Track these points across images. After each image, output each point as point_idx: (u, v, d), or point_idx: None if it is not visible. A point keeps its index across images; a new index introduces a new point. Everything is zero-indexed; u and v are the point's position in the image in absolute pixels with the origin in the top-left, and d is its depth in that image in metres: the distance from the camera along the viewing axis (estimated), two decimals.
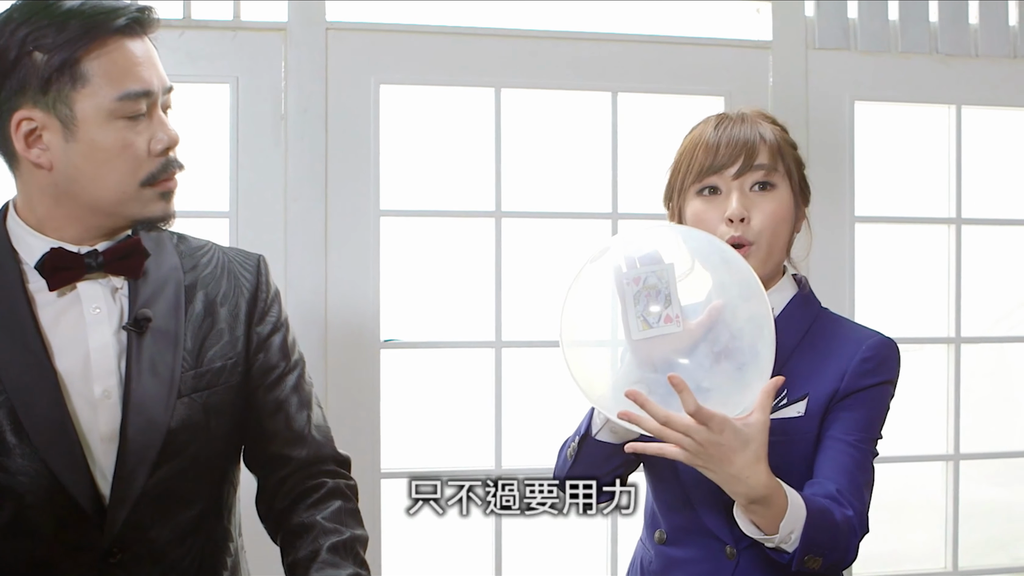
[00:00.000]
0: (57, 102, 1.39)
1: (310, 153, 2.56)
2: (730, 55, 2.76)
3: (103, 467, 1.48)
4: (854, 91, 2.80)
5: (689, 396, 1.41)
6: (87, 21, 1.39)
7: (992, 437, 2.96)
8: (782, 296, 1.68)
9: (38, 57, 1.38)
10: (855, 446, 1.59)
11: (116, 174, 1.44)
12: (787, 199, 1.63)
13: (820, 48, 2.78)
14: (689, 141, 1.69)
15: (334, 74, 2.59)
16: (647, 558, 1.79)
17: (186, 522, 1.57)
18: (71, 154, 1.42)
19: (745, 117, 1.66)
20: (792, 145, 1.69)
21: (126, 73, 1.41)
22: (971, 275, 2.90)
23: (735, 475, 1.44)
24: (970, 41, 2.84)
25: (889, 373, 1.64)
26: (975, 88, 2.86)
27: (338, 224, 2.58)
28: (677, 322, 1.47)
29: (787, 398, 1.61)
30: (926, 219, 2.93)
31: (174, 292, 1.55)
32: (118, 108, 1.41)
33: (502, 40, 2.67)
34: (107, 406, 1.48)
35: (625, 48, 2.71)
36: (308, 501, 1.61)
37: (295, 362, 1.67)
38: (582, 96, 2.74)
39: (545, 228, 2.75)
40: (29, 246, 1.48)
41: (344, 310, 2.58)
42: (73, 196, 1.45)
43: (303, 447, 1.64)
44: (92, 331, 1.48)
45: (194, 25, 2.53)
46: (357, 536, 1.60)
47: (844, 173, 2.77)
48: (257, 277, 1.64)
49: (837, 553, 1.51)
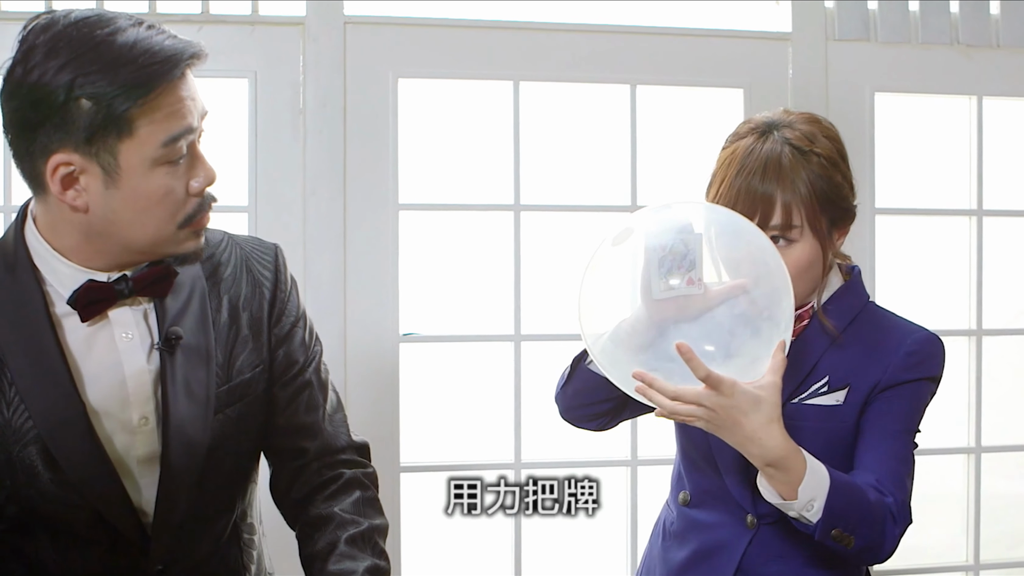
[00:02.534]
0: (101, 151, 1.31)
1: (329, 147, 2.56)
2: (749, 47, 2.75)
3: (144, 493, 1.47)
4: (874, 82, 2.78)
5: (698, 363, 1.42)
6: (140, 72, 1.30)
7: (1014, 430, 2.94)
8: (827, 290, 1.67)
9: (85, 105, 1.29)
10: (896, 437, 1.59)
11: (156, 220, 1.38)
12: (809, 249, 1.58)
13: (840, 40, 2.76)
14: (721, 164, 1.64)
15: (352, 68, 2.59)
16: (670, 519, 1.81)
17: (221, 530, 1.58)
18: (110, 200, 1.35)
19: (772, 155, 1.57)
20: (826, 168, 1.59)
21: (172, 116, 1.34)
22: (992, 267, 2.88)
23: (749, 436, 1.45)
24: (991, 32, 2.82)
25: (933, 370, 1.64)
26: (996, 79, 2.83)
27: (357, 218, 2.58)
28: (699, 285, 1.47)
29: (828, 386, 1.61)
30: (947, 211, 2.91)
31: (200, 304, 1.50)
32: (163, 155, 1.34)
33: (520, 33, 2.66)
34: (145, 432, 1.45)
35: (644, 41, 2.70)
36: (326, 493, 1.60)
37: (313, 353, 1.64)
38: (601, 89, 2.73)
39: (564, 221, 2.75)
40: (54, 270, 1.42)
41: (363, 304, 2.58)
42: (107, 236, 1.39)
43: (319, 438, 1.62)
44: (126, 358, 1.44)
45: (212, 20, 2.53)
46: (376, 526, 1.58)
47: (864, 165, 2.74)
48: (276, 274, 1.59)
49: (871, 533, 1.51)
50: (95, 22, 1.31)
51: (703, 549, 1.72)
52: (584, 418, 1.76)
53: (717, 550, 1.70)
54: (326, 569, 1.52)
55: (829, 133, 1.64)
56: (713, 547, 1.71)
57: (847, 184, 1.64)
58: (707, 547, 1.72)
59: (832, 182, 1.60)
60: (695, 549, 1.73)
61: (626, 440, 2.70)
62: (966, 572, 2.89)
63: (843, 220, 1.65)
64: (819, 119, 1.66)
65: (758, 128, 1.62)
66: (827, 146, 1.61)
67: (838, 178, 1.61)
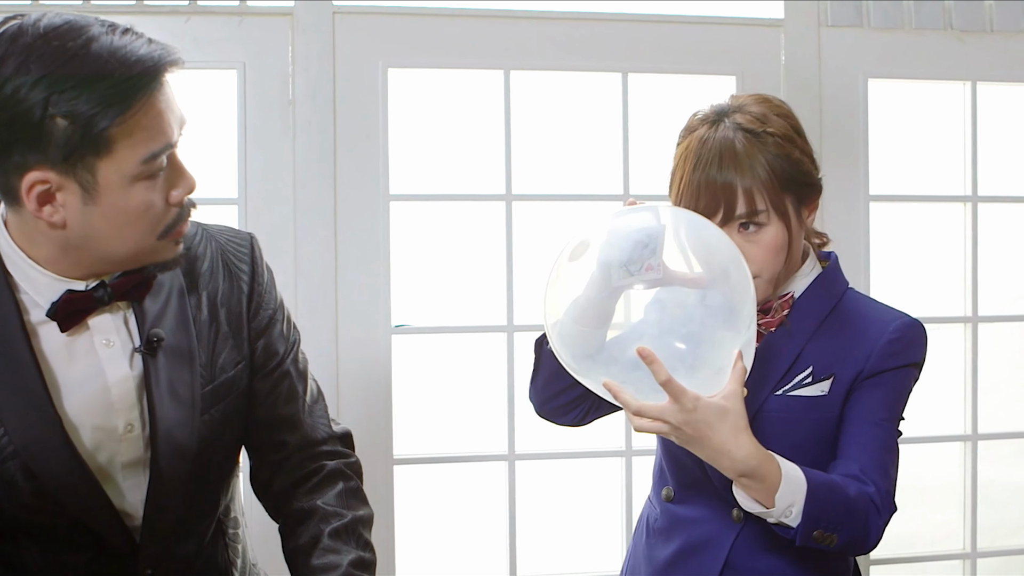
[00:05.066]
0: (79, 169, 1.26)
1: (318, 138, 2.55)
2: (742, 34, 2.73)
3: (128, 496, 1.44)
4: (867, 69, 2.77)
5: (659, 367, 1.40)
6: (116, 88, 1.24)
7: (1011, 417, 2.93)
8: (805, 278, 1.66)
9: (61, 124, 1.22)
10: (879, 425, 1.58)
11: (136, 233, 1.33)
12: (777, 232, 1.55)
13: (833, 26, 2.75)
14: (678, 160, 1.61)
15: (342, 58, 2.57)
16: (653, 516, 1.79)
17: (207, 528, 1.56)
18: (89, 216, 1.30)
19: (725, 143, 1.54)
20: (782, 147, 1.56)
21: (151, 134, 1.28)
22: (988, 253, 2.87)
23: (718, 449, 1.43)
24: (985, 16, 2.80)
25: (915, 356, 1.62)
26: (990, 64, 2.82)
27: (348, 209, 2.56)
28: (658, 271, 1.44)
29: (812, 376, 1.60)
30: (941, 197, 2.89)
31: (179, 303, 1.46)
32: (142, 171, 1.29)
33: (511, 22, 2.64)
34: (131, 439, 1.42)
35: (635, 28, 2.68)
36: (308, 485, 1.58)
37: (291, 343, 1.61)
38: (592, 77, 2.72)
39: (556, 211, 2.73)
40: (29, 279, 1.37)
41: (354, 296, 2.57)
42: (85, 249, 1.34)
43: (299, 431, 1.59)
44: (108, 365, 1.40)
45: (200, 11, 2.51)
46: (360, 517, 1.56)
47: (858, 152, 2.73)
48: (253, 266, 1.55)
49: (854, 528, 1.50)
50: (66, 32, 1.25)
51: (689, 545, 1.70)
52: (559, 410, 1.74)
53: (703, 546, 1.68)
54: (310, 563, 1.50)
55: (780, 111, 1.61)
56: (699, 543, 1.69)
57: (807, 158, 1.60)
58: (693, 543, 1.69)
59: (790, 159, 1.56)
60: (680, 546, 1.71)
61: (620, 430, 2.69)
62: (963, 560, 2.89)
63: (809, 195, 1.61)
64: (769, 98, 1.63)
65: (708, 118, 1.59)
66: (780, 124, 1.58)
67: (796, 154, 1.57)
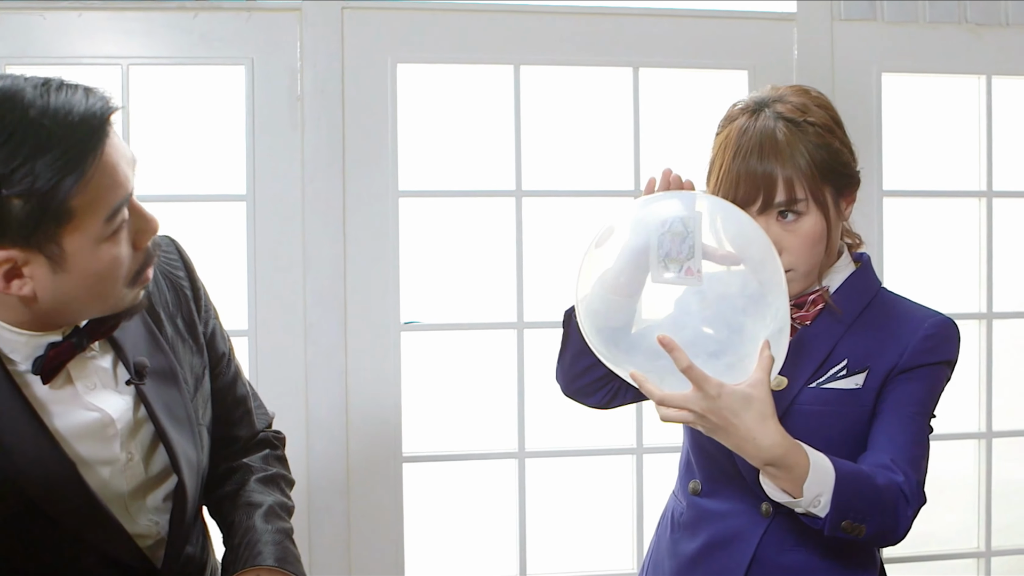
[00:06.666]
0: (43, 243, 1.22)
1: (327, 134, 2.54)
2: (754, 28, 2.71)
3: (139, 522, 1.44)
4: (881, 63, 2.74)
5: (680, 354, 1.39)
6: (66, 155, 1.20)
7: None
8: (839, 275, 1.66)
9: (17, 205, 1.19)
10: (911, 419, 1.57)
11: (108, 289, 1.31)
12: (816, 222, 1.56)
13: (846, 19, 2.72)
14: (717, 149, 1.62)
15: (350, 54, 2.56)
16: (679, 510, 1.78)
17: (199, 526, 1.60)
18: (60, 283, 1.27)
19: (766, 132, 1.56)
20: (822, 136, 1.57)
21: (108, 190, 1.24)
22: (1003, 249, 2.85)
23: (744, 437, 1.42)
24: (1000, 10, 2.78)
25: (949, 353, 1.62)
26: (1006, 58, 2.79)
27: (356, 206, 2.55)
28: (698, 277, 1.44)
29: (847, 369, 1.60)
30: (956, 192, 2.87)
31: (145, 325, 1.46)
32: (107, 229, 1.26)
33: (520, 16, 2.63)
34: (132, 466, 1.42)
35: (646, 22, 2.66)
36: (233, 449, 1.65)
37: (227, 338, 1.65)
38: (603, 72, 2.70)
39: (566, 207, 2.72)
40: (3, 339, 1.33)
41: (363, 293, 2.56)
42: (58, 313, 1.32)
43: (250, 425, 1.66)
44: (103, 403, 1.39)
45: (208, 7, 2.50)
46: (283, 475, 1.64)
47: (872, 147, 2.72)
48: (187, 271, 1.57)
49: (884, 519, 1.49)
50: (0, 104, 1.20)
51: (716, 540, 1.68)
52: (585, 389, 1.73)
53: (731, 540, 1.67)
54: (237, 503, 1.56)
55: (820, 102, 1.62)
56: (726, 537, 1.67)
57: (846, 149, 1.62)
58: (720, 537, 1.68)
59: (831, 149, 1.58)
60: (707, 540, 1.69)
61: (631, 428, 2.68)
62: (977, 559, 2.87)
63: (848, 187, 1.63)
64: (808, 89, 1.64)
65: (749, 107, 1.61)
66: (820, 114, 1.59)
67: (836, 144, 1.59)
